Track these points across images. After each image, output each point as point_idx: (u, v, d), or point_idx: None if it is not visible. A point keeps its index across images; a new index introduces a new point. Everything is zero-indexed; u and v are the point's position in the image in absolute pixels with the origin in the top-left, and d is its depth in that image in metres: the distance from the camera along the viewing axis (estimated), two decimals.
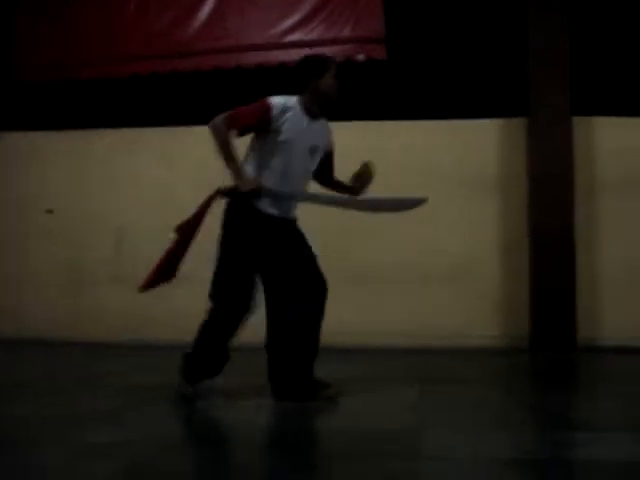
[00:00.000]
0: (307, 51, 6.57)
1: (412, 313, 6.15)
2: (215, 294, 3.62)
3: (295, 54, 6.68)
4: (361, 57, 6.58)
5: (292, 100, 3.64)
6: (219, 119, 3.50)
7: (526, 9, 6.19)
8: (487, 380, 4.47)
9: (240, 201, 3.55)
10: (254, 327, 3.69)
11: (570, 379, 4.85)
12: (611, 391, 4.01)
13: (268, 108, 3.53)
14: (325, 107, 3.74)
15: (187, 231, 3.61)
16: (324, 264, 3.77)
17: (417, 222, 6.18)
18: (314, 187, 4.00)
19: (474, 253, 6.24)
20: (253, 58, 6.74)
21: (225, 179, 3.61)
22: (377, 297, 6.25)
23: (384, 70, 6.48)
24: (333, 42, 6.66)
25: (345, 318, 6.06)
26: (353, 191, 3.85)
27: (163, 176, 6.56)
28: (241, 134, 3.59)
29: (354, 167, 3.82)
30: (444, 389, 4.10)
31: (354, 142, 6.10)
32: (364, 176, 3.80)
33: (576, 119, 6.12)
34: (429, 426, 3.11)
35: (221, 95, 6.08)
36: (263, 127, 3.55)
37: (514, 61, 6.30)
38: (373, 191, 3.87)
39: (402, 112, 6.42)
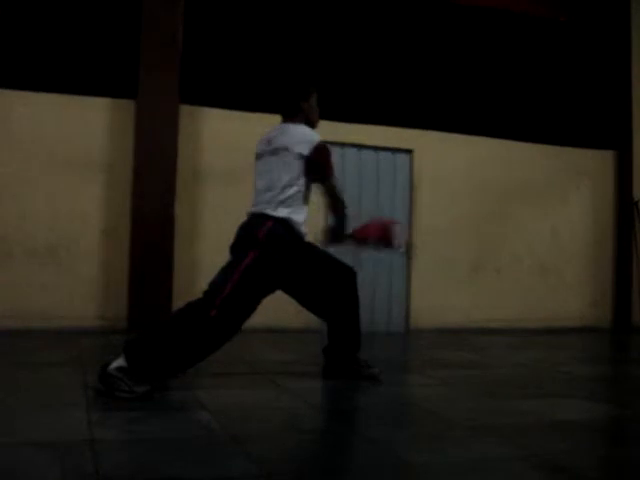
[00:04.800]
0: None
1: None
2: (227, 308, 3.39)
3: None
4: None
5: None
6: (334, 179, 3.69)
7: None
8: (64, 362, 4.38)
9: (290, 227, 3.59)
10: None
11: None
12: (206, 371, 4.10)
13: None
14: None
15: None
16: None
17: (12, 196, 5.93)
18: None
19: (75, 233, 6.10)
20: None
21: None
22: None
23: None
24: None
25: None
26: None
27: None
28: None
29: None
30: (14, 372, 3.94)
31: None
32: None
33: (183, 107, 6.34)
34: None
35: None
36: None
37: (127, 43, 6.29)
38: None
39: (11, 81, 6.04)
